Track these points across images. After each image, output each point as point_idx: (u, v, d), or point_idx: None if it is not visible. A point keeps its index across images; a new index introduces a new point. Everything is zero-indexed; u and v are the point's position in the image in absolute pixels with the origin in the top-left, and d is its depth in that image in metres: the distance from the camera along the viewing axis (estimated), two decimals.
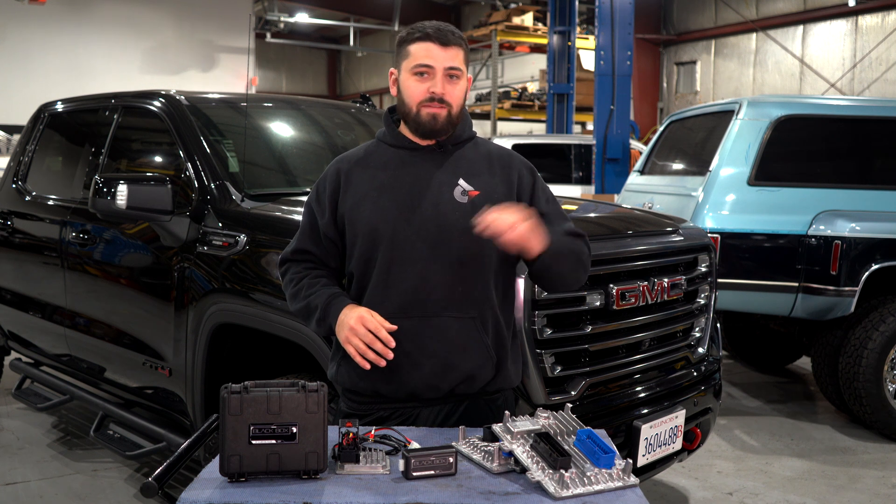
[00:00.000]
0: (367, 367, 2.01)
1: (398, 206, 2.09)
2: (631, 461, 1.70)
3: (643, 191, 6.15)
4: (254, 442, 1.65)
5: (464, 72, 2.13)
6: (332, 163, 2.25)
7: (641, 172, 6.46)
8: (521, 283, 2.58)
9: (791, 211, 4.98)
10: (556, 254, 2.06)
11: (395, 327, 2.01)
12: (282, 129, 4.21)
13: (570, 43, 13.76)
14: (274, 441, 1.66)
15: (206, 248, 3.26)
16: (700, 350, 3.40)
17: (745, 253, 5.01)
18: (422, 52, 2.09)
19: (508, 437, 1.73)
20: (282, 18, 23.07)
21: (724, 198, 5.05)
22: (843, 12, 17.04)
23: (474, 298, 2.11)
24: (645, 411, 2.98)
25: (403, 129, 2.18)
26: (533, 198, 2.21)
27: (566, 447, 1.70)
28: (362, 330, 1.99)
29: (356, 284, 2.16)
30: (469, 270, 2.10)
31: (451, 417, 2.13)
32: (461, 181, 2.12)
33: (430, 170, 2.13)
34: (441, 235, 2.08)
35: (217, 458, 1.68)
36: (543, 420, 1.80)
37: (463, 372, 2.10)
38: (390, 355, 2.00)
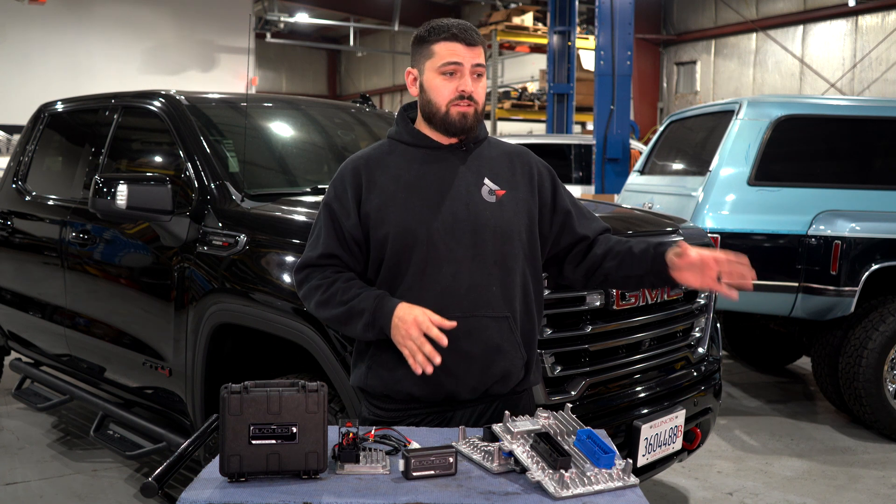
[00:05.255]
0: (419, 371, 1.94)
1: (429, 206, 2.07)
2: (631, 461, 1.70)
3: (643, 191, 6.14)
4: (254, 442, 1.65)
5: (485, 70, 2.14)
6: (347, 162, 2.18)
7: (641, 172, 6.46)
8: None
9: (791, 211, 4.97)
10: None
11: (453, 324, 1.94)
12: (282, 129, 4.21)
13: (570, 43, 13.76)
14: (274, 441, 1.66)
15: (206, 248, 3.26)
16: (700, 350, 3.41)
17: (745, 253, 4.99)
18: (448, 51, 2.09)
19: (508, 437, 1.73)
20: (282, 18, 23.06)
21: (724, 198, 5.04)
22: (843, 12, 17.04)
23: (507, 298, 2.11)
24: (645, 411, 2.98)
25: (421, 128, 2.16)
26: (556, 196, 2.24)
27: (566, 447, 1.69)
28: (415, 332, 1.93)
29: (383, 287, 2.09)
30: (502, 270, 2.10)
31: (484, 417, 2.13)
32: (486, 180, 2.12)
33: (454, 169, 2.12)
34: (476, 235, 2.07)
35: (217, 458, 1.68)
36: (543, 420, 1.80)
37: (499, 371, 2.10)
38: (437, 360, 1.93)
